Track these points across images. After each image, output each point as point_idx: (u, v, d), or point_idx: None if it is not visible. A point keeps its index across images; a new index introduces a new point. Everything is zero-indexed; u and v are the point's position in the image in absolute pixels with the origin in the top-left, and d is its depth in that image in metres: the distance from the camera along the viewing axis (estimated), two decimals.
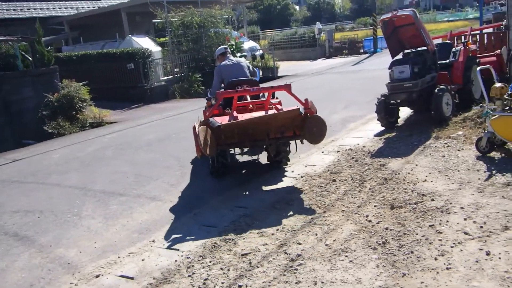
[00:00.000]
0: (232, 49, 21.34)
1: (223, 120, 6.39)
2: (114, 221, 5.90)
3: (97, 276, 4.49)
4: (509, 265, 3.67)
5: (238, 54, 21.58)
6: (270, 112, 6.62)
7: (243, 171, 7.57)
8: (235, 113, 6.57)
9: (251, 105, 7.08)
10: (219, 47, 8.49)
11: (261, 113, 6.62)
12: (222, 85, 7.65)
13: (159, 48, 19.91)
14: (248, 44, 24.94)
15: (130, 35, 20.38)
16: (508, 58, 9.40)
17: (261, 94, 7.40)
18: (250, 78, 7.46)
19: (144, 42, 19.41)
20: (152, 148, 9.75)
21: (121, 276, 4.45)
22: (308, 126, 6.32)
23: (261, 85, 7.39)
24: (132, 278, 4.38)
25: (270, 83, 19.34)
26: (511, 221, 4.38)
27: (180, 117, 13.48)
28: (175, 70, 19.17)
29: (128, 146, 10.19)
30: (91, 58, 18.19)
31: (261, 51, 24.66)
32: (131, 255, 4.87)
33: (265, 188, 6.47)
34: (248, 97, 7.26)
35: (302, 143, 6.80)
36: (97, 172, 8.22)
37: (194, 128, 6.78)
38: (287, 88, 6.40)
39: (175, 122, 12.65)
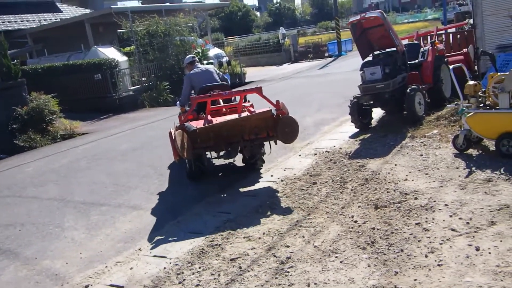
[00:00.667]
0: (198, 56, 21.33)
1: (198, 124, 6.50)
2: (97, 231, 5.80)
3: (86, 286, 4.42)
4: (499, 259, 3.78)
5: (205, 62, 21.55)
6: (243, 114, 6.81)
7: (220, 174, 7.66)
8: (209, 117, 6.69)
9: (224, 109, 7.23)
10: (187, 56, 8.67)
11: (235, 116, 6.78)
12: (193, 91, 7.79)
13: (125, 58, 19.68)
14: (213, 51, 24.95)
15: (95, 46, 20.07)
16: (475, 56, 9.73)
17: (233, 98, 7.53)
18: (221, 83, 7.66)
19: (110, 53, 19.15)
20: (127, 157, 9.62)
21: (111, 285, 4.39)
22: (281, 126, 6.50)
23: (232, 90, 7.58)
24: (122, 287, 4.31)
25: (238, 88, 19.42)
26: (496, 216, 4.51)
27: (152, 126, 13.36)
28: (143, 79, 19.01)
29: (102, 156, 10.02)
30: (57, 70, 17.83)
31: (227, 58, 24.71)
32: (119, 264, 4.80)
33: (246, 192, 6.49)
34: (221, 101, 7.35)
35: (276, 143, 7.02)
36: (74, 184, 8.06)
37: (170, 133, 6.89)
38: (258, 90, 6.63)
39: (147, 131, 12.52)
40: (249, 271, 4.26)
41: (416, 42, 10.71)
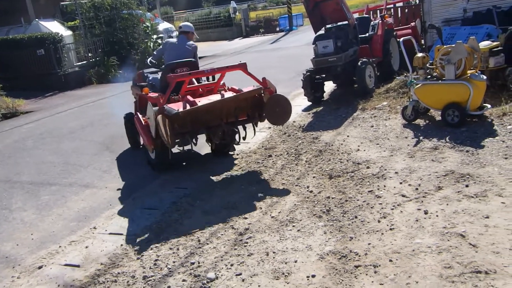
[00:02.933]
0: (147, 30, 20.80)
1: (177, 106, 5.70)
2: (49, 211, 5.62)
3: (40, 267, 4.28)
4: (446, 221, 3.98)
5: (154, 36, 21.08)
6: (228, 94, 6.15)
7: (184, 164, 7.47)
8: (190, 98, 5.92)
9: (200, 89, 6.55)
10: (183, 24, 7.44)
11: (218, 96, 6.08)
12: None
13: (70, 32, 18.87)
14: (163, 25, 24.38)
15: (36, 20, 19.10)
16: (422, 30, 10.00)
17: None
18: (189, 60, 6.69)
19: (53, 26, 18.29)
20: (76, 135, 9.31)
21: (66, 265, 4.28)
22: (270, 106, 5.99)
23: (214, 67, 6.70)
24: (78, 266, 4.23)
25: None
26: (443, 181, 4.73)
27: (101, 103, 12.98)
28: (89, 55, 18.33)
29: (49, 135, 9.65)
30: None
31: (177, 33, 24.18)
32: (73, 244, 4.69)
33: (202, 168, 6.45)
34: (194, 80, 6.74)
35: (256, 125, 6.50)
36: (20, 164, 7.73)
37: (137, 119, 6.36)
38: (243, 67, 6.07)
39: (96, 109, 12.14)
40: (208, 243, 4.27)
41: (367, 16, 10.88)
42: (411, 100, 6.60)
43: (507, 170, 4.71)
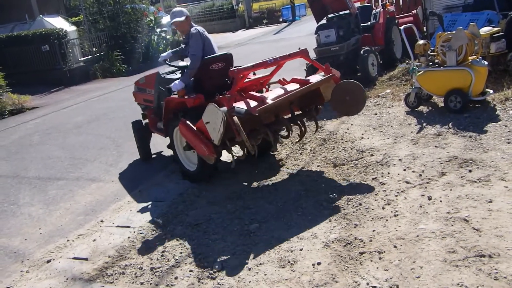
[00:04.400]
0: (151, 24, 20.81)
1: (239, 105, 4.79)
2: (56, 205, 5.69)
3: (48, 261, 4.35)
4: (450, 206, 4.01)
5: (158, 30, 21.09)
6: (293, 86, 5.34)
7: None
8: (254, 94, 5.11)
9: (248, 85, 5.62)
10: (175, 9, 5.97)
11: (279, 90, 5.26)
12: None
13: (74, 28, 18.92)
14: (166, 19, 24.34)
15: (41, 16, 19.16)
16: (424, 17, 9.95)
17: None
18: (225, 53, 5.72)
19: (57, 22, 18.34)
20: (82, 130, 9.38)
21: (74, 258, 4.34)
22: (338, 95, 5.32)
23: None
24: (86, 259, 4.29)
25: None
26: (446, 167, 4.76)
27: (106, 97, 13.03)
28: (94, 49, 18.37)
29: (55, 130, 9.73)
30: (1, 42, 16.94)
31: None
32: (81, 237, 4.75)
33: None
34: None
35: (315, 119, 5.78)
36: (27, 159, 7.81)
37: (184, 125, 5.04)
38: (304, 53, 5.45)
39: (101, 103, 12.20)
40: (214, 234, 4.32)
41: (368, 4, 10.83)
42: (413, 87, 6.60)
43: (510, 155, 4.72)
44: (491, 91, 6.35)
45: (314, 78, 5.45)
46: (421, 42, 6.53)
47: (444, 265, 3.25)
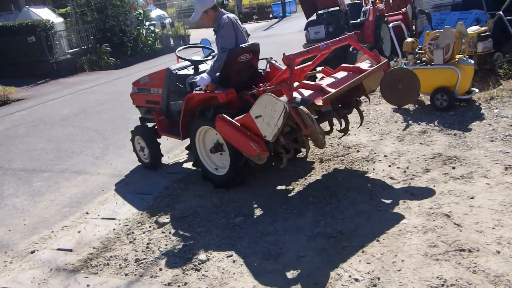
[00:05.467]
0: (140, 17, 20.68)
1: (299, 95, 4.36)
2: (41, 197, 5.67)
3: (32, 252, 4.34)
4: (432, 202, 4.07)
5: (147, 23, 20.97)
6: (343, 74, 4.92)
7: None
8: (307, 83, 4.69)
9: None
10: None
11: (344, 75, 4.88)
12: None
13: (61, 20, 18.75)
14: (155, 12, 24.25)
15: (27, 6, 18.95)
16: (413, 16, 10.04)
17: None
18: (253, 43, 5.17)
19: (44, 13, 18.17)
20: (68, 123, 9.33)
21: (59, 249, 4.33)
22: (389, 84, 4.85)
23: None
24: (70, 250, 4.28)
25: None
26: (430, 164, 4.82)
27: (93, 90, 12.96)
28: (81, 42, 18.23)
29: (41, 122, 9.65)
30: None
31: (170, 20, 24.11)
32: (66, 229, 4.74)
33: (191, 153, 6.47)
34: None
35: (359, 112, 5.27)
36: (12, 151, 7.75)
37: (225, 121, 4.42)
38: (353, 38, 5.10)
39: (88, 96, 12.13)
40: (199, 227, 4.33)
41: (358, 1, 10.89)
42: None
43: (493, 153, 4.80)
44: (477, 90, 6.44)
45: (365, 65, 5.01)
46: (409, 40, 6.59)
47: (425, 258, 3.31)
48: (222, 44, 4.98)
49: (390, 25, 7.03)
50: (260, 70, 5.40)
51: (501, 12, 7.56)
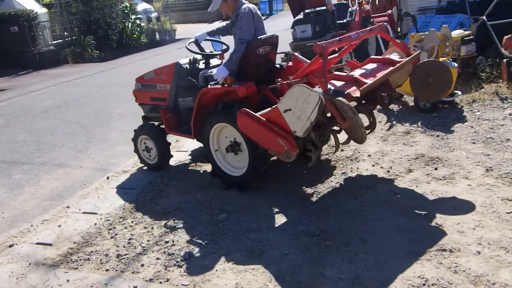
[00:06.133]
0: (126, 11, 20.48)
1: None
2: (20, 190, 5.57)
3: (10, 246, 4.26)
4: (415, 202, 4.11)
5: (133, 16, 20.77)
6: (373, 65, 4.67)
7: None
8: (338, 73, 4.47)
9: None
10: None
11: (373, 66, 4.62)
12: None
13: (45, 10, 18.45)
14: (142, 6, 24.07)
15: None
16: (398, 17, 10.11)
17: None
18: (271, 35, 4.94)
19: (27, 3, 17.84)
20: (50, 115, 9.19)
21: (38, 243, 4.26)
22: (419, 77, 4.54)
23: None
24: (50, 245, 4.21)
25: (170, 46, 18.94)
26: (413, 164, 4.87)
27: (76, 82, 12.80)
28: (65, 33, 17.98)
29: (22, 114, 9.49)
30: None
31: (156, 14, 23.94)
32: (46, 223, 4.66)
33: (177, 148, 6.44)
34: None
35: (386, 107, 5.21)
36: None
37: (248, 116, 4.11)
38: (383, 29, 4.89)
39: (71, 88, 11.97)
40: (183, 223, 4.30)
41: (345, 2, 10.94)
42: None
43: (474, 154, 4.86)
44: (460, 93, 6.51)
45: (395, 57, 4.75)
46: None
47: (407, 258, 3.33)
48: (240, 35, 4.69)
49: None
50: (277, 65, 5.17)
51: (484, 17, 7.66)
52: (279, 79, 4.49)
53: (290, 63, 5.11)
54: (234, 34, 4.84)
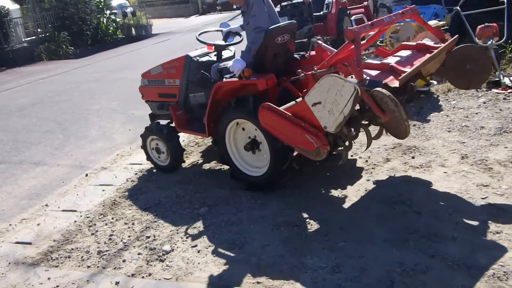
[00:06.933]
0: (100, 6, 20.21)
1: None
2: None
3: None
4: (393, 190, 4.19)
5: (108, 12, 20.52)
6: (405, 52, 4.33)
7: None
8: (371, 62, 4.14)
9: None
10: None
11: (412, 53, 4.28)
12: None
13: (17, 6, 18.09)
14: (116, 1, 23.76)
15: None
16: (374, 9, 10.22)
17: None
18: (290, 22, 4.61)
19: None
20: (26, 113, 9.04)
21: (17, 242, 4.20)
22: (456, 64, 4.23)
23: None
24: (29, 243, 4.16)
25: (146, 41, 18.75)
26: (391, 154, 4.95)
27: (52, 80, 12.61)
28: (39, 30, 17.67)
29: None
30: None
31: (131, 9, 23.68)
32: (24, 221, 4.60)
33: None
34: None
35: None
36: None
37: (271, 108, 3.79)
38: (415, 12, 4.52)
39: (46, 86, 11.79)
40: (163, 217, 4.30)
41: None
42: None
43: (450, 143, 4.96)
44: (435, 82, 6.62)
45: (429, 43, 4.43)
46: (371, 32, 6.68)
47: (386, 245, 3.39)
48: (256, 24, 4.32)
49: (352, 18, 7.14)
50: (296, 55, 4.80)
51: (458, 7, 7.78)
52: (299, 70, 4.17)
53: (313, 52, 4.69)
54: (246, 27, 4.57)
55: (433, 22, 7.14)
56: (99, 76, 11.81)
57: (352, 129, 4.03)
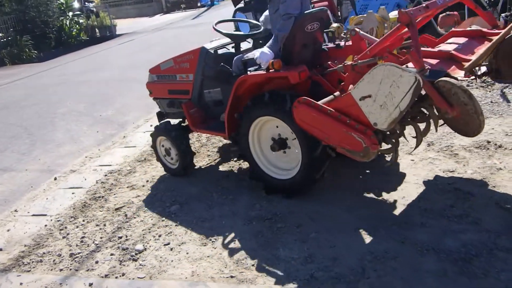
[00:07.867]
0: (62, 8, 19.83)
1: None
2: None
3: None
4: (362, 181, 4.28)
5: (70, 13, 20.14)
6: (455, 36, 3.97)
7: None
8: (428, 49, 3.77)
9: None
10: None
11: (468, 40, 3.90)
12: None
13: None
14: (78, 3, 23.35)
15: None
16: (338, 2, 10.32)
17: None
18: (321, 8, 4.08)
19: None
20: None
21: None
22: (508, 52, 3.60)
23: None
24: (0, 249, 4.09)
25: (111, 42, 18.50)
26: None
27: (16, 84, 12.32)
28: (0, 34, 17.24)
29: None
30: None
31: (95, 9, 23.30)
32: None
33: (124, 144, 6.36)
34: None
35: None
36: None
37: (309, 104, 3.40)
38: None
39: (10, 90, 11.52)
40: (135, 217, 4.28)
41: None
42: None
43: None
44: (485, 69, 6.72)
45: (484, 29, 4.04)
46: (334, 25, 6.77)
47: (357, 234, 3.46)
48: (286, 10, 3.81)
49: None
50: (324, 46, 4.38)
51: None
52: (330, 63, 3.86)
53: (349, 42, 4.24)
54: (275, 12, 4.00)
55: (395, 13, 7.28)
56: (64, 79, 11.58)
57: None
